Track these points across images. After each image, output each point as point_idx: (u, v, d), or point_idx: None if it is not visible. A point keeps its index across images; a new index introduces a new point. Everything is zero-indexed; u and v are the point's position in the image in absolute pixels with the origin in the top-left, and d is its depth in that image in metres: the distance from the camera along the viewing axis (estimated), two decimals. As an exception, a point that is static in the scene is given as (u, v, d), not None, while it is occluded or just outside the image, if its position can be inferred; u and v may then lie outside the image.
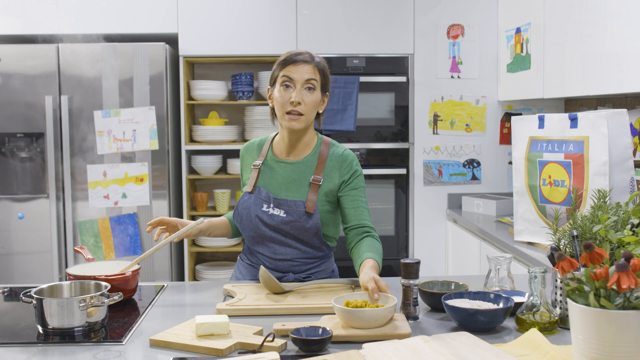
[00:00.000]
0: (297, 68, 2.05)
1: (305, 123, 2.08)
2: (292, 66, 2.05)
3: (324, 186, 2.11)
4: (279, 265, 2.14)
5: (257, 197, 2.12)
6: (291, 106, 2.04)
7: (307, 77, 2.05)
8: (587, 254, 1.35)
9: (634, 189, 2.46)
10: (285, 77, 2.05)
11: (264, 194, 2.12)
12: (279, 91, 2.07)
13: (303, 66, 2.05)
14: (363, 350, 1.47)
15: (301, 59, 2.06)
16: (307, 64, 2.06)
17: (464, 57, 3.99)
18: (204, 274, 4.03)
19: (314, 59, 2.09)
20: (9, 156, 3.74)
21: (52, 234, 3.74)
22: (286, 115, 2.06)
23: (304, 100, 2.05)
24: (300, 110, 2.05)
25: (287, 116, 2.05)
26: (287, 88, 2.06)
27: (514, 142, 2.84)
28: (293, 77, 2.04)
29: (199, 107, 4.30)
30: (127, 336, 1.65)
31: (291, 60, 2.06)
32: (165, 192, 3.80)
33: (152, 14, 3.88)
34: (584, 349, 1.27)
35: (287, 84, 2.05)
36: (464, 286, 1.89)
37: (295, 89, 2.04)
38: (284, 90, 2.06)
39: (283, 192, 2.12)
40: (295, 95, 2.03)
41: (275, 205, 2.10)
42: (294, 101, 2.03)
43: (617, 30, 2.65)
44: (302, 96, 2.04)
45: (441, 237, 4.06)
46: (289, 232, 2.10)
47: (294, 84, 2.05)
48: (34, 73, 3.71)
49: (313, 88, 2.06)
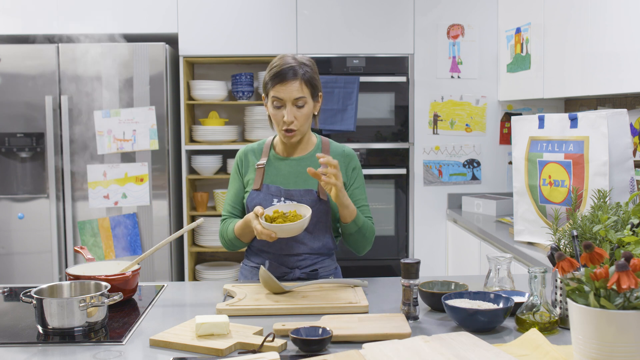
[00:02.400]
0: (285, 88, 2.08)
1: (301, 135, 2.17)
2: (279, 86, 2.09)
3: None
4: (286, 260, 2.16)
5: (266, 194, 2.15)
6: (285, 125, 2.11)
7: (295, 95, 2.09)
8: (587, 254, 1.35)
9: (634, 189, 2.46)
10: (274, 98, 2.11)
11: (274, 189, 2.15)
12: (271, 108, 2.14)
13: (291, 85, 2.08)
14: (363, 350, 1.47)
15: (289, 77, 2.07)
16: (295, 81, 2.08)
17: (464, 57, 3.99)
18: (204, 274, 4.03)
19: (300, 71, 2.09)
20: (9, 156, 3.75)
21: (52, 234, 3.73)
22: (282, 131, 2.14)
23: (296, 117, 2.11)
24: (293, 127, 2.12)
25: (283, 132, 2.14)
26: (278, 108, 2.12)
27: (514, 142, 2.84)
28: (282, 97, 2.09)
29: (199, 107, 4.30)
30: (127, 336, 1.65)
31: (279, 80, 2.08)
32: (165, 192, 3.80)
33: (152, 14, 3.88)
34: (584, 349, 1.27)
35: (276, 104, 2.12)
36: (464, 286, 1.89)
37: (286, 109, 2.10)
38: (275, 110, 2.12)
39: (292, 185, 2.17)
40: (287, 115, 2.09)
41: (287, 197, 2.13)
42: (286, 121, 2.10)
43: (617, 30, 2.65)
44: (293, 114, 2.10)
45: (441, 237, 4.06)
46: None
47: (283, 104, 2.10)
48: (34, 73, 3.71)
49: (303, 105, 2.12)
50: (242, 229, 2.13)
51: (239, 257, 4.32)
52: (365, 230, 2.13)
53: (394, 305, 1.89)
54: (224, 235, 2.22)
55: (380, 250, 3.98)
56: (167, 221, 3.80)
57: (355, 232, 2.11)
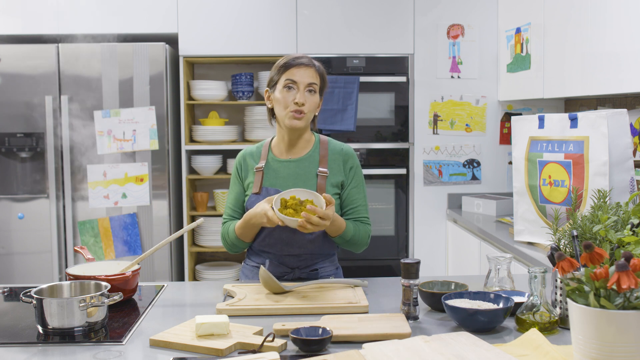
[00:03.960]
0: (300, 71, 2.13)
1: (306, 122, 2.18)
2: (295, 69, 2.14)
3: (331, 178, 2.18)
4: (287, 260, 2.16)
5: (265, 197, 2.15)
6: (295, 106, 2.13)
7: (309, 80, 2.14)
8: (587, 254, 1.35)
9: (634, 189, 2.46)
10: (288, 80, 2.13)
11: (273, 192, 2.15)
12: (281, 92, 2.15)
13: (305, 70, 2.14)
14: (363, 350, 1.47)
15: (303, 62, 2.15)
16: (309, 67, 2.15)
17: (464, 57, 3.99)
18: (204, 274, 4.03)
19: (314, 64, 2.18)
20: (9, 156, 3.75)
21: (52, 234, 3.74)
22: (290, 113, 2.13)
23: (307, 101, 2.14)
24: (303, 110, 2.13)
25: (291, 114, 2.13)
26: (289, 90, 2.14)
27: (514, 142, 2.84)
28: (296, 79, 2.13)
29: (199, 107, 4.30)
30: (127, 336, 1.65)
31: (294, 64, 2.14)
32: (165, 192, 3.80)
33: (152, 14, 3.88)
34: (584, 349, 1.27)
35: (290, 86, 2.14)
36: (464, 286, 1.89)
37: (299, 91, 2.13)
38: (287, 92, 2.14)
39: (291, 187, 2.17)
40: (299, 96, 2.12)
41: None
42: (298, 102, 2.12)
43: (617, 30, 2.65)
44: (304, 97, 2.13)
45: (441, 237, 4.06)
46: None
47: (297, 86, 2.13)
48: (34, 73, 3.71)
49: (314, 91, 2.16)
50: (242, 228, 2.13)
51: (239, 257, 4.32)
52: (356, 239, 2.17)
53: (394, 305, 1.89)
54: (225, 237, 2.23)
55: (380, 250, 3.98)
56: (167, 221, 3.80)
57: (343, 244, 2.17)
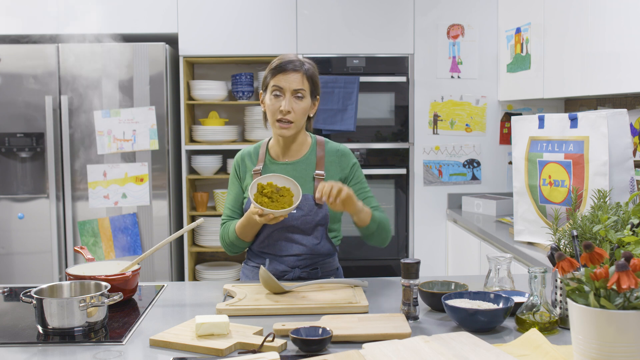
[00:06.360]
0: (287, 77, 2.10)
1: (296, 129, 2.16)
2: (281, 75, 2.11)
3: (328, 179, 2.16)
4: (286, 260, 2.16)
5: None
6: (281, 114, 2.11)
7: (295, 86, 2.11)
8: (587, 254, 1.35)
9: (634, 189, 2.46)
10: (275, 87, 2.12)
11: None
12: (269, 99, 2.14)
13: (292, 75, 2.11)
14: (363, 350, 1.47)
15: (291, 68, 2.11)
16: (296, 72, 2.11)
17: (464, 57, 3.99)
18: (204, 274, 4.03)
19: (303, 66, 2.14)
20: (9, 156, 3.74)
21: (52, 234, 3.73)
22: (277, 122, 2.12)
23: (294, 108, 2.11)
24: (290, 119, 2.11)
25: (278, 124, 2.12)
26: (277, 97, 2.12)
27: (514, 142, 2.84)
28: (282, 86, 2.11)
29: (199, 107, 4.30)
30: (127, 336, 1.65)
31: (280, 70, 2.11)
32: (165, 192, 3.80)
33: (152, 14, 3.88)
34: (584, 349, 1.27)
35: (276, 93, 2.12)
36: (464, 286, 1.89)
37: (285, 98, 2.10)
38: (274, 99, 2.12)
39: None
40: (285, 104, 2.10)
41: None
42: (283, 110, 2.09)
43: (617, 30, 2.65)
44: (291, 105, 2.11)
45: (441, 237, 4.06)
46: (298, 228, 2.13)
47: (283, 93, 2.11)
48: (34, 73, 3.71)
49: (302, 97, 2.13)
50: (243, 227, 2.13)
51: (239, 257, 4.32)
52: (384, 224, 2.16)
53: (394, 305, 1.89)
54: (224, 238, 2.22)
55: (380, 250, 3.98)
56: (167, 221, 3.80)
57: (376, 230, 2.15)
